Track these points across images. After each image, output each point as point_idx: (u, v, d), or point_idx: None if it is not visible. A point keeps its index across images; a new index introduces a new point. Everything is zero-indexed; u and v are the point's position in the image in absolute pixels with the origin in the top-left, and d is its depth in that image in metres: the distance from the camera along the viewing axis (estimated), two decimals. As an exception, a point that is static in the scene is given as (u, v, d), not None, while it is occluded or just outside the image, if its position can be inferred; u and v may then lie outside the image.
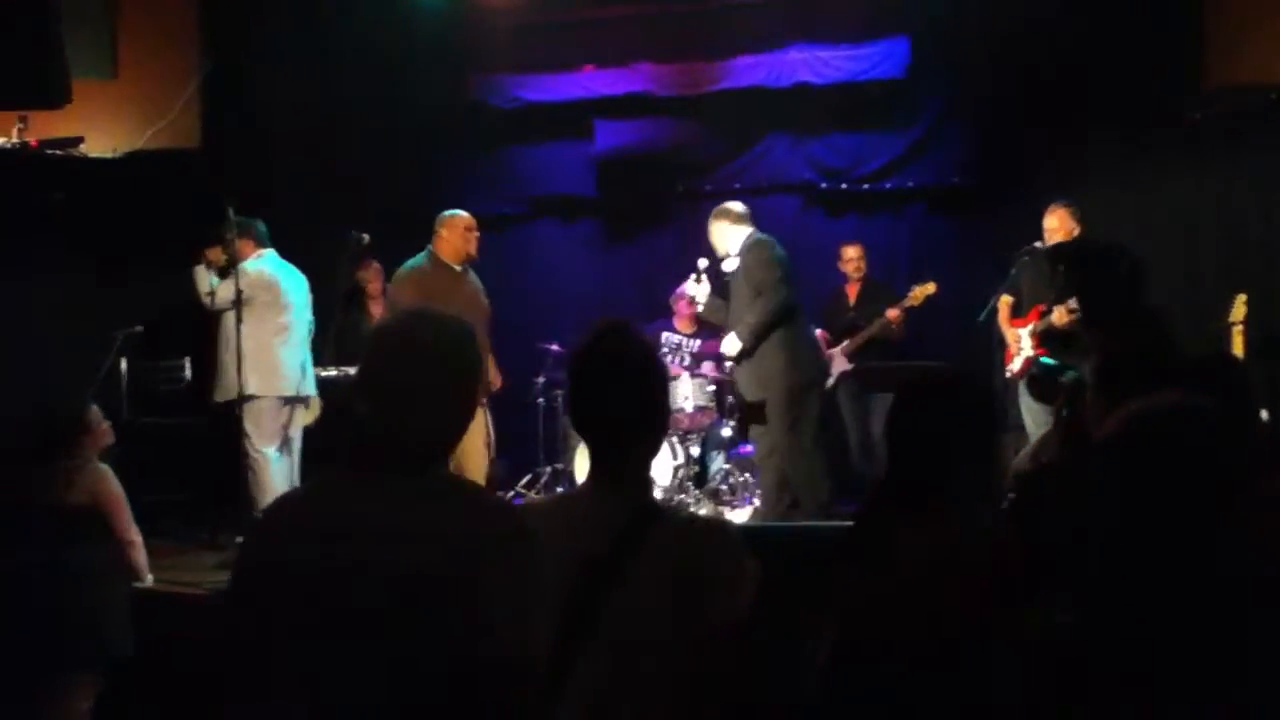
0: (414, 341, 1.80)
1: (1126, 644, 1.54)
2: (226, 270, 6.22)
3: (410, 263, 6.08)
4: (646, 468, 2.09)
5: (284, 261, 6.44)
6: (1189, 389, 1.99)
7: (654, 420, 2.07)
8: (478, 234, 6.16)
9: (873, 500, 2.17)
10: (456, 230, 6.07)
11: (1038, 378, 6.06)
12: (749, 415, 6.25)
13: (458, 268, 6.09)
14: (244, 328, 5.93)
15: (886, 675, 1.90)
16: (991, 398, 2.29)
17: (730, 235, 6.19)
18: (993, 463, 2.27)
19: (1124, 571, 1.57)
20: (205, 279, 6.34)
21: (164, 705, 4.43)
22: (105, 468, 4.39)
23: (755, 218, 6.29)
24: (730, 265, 6.20)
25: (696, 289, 6.39)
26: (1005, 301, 6.48)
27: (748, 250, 6.10)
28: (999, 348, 6.43)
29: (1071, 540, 1.64)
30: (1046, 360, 6.02)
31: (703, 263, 6.33)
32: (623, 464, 2.02)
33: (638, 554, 1.91)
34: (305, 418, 6.56)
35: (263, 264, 6.25)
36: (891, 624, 1.91)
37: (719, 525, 2.34)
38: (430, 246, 6.09)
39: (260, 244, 6.33)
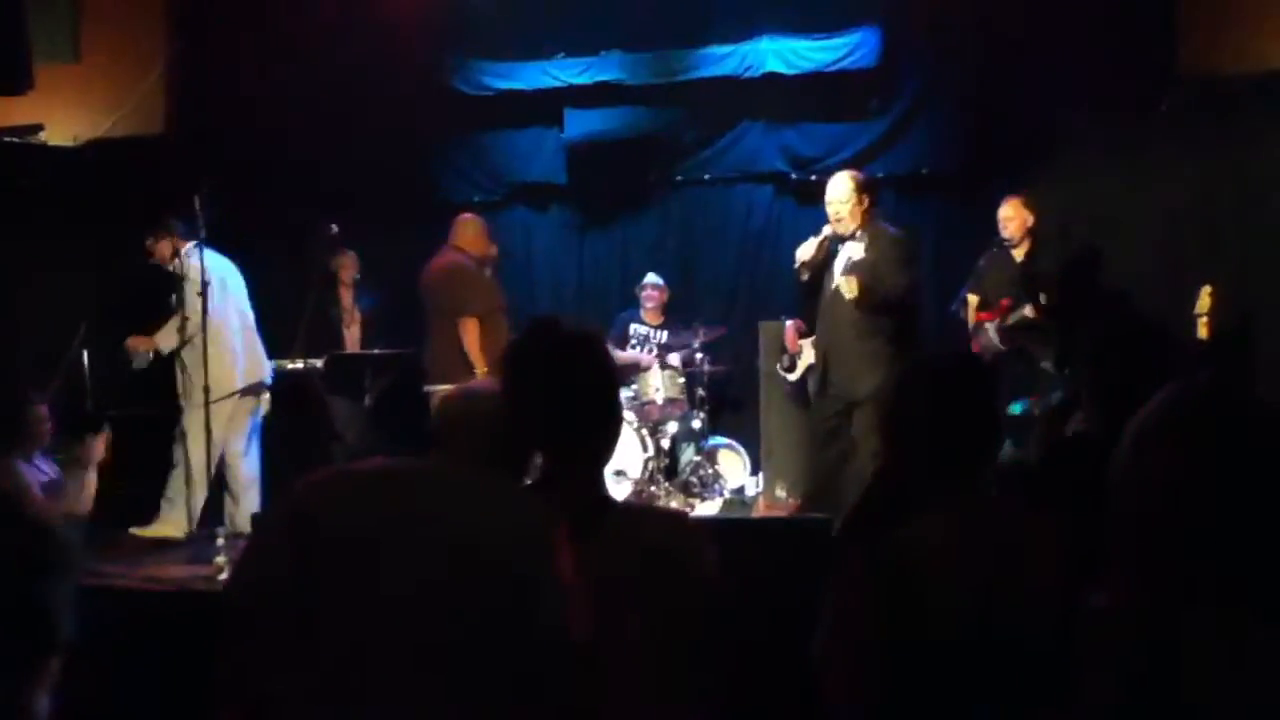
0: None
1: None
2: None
3: (450, 256, 6.52)
4: (597, 461, 2.05)
5: (213, 251, 6.27)
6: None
7: (598, 414, 2.02)
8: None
9: (875, 488, 2.15)
10: (482, 232, 6.67)
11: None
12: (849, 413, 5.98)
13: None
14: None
15: (909, 661, 1.88)
16: (993, 378, 2.28)
17: (859, 210, 5.88)
18: (998, 445, 2.25)
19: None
20: (166, 336, 6.27)
21: (128, 699, 4.37)
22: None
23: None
24: (858, 252, 5.89)
25: (814, 254, 5.96)
26: (972, 300, 6.51)
27: (891, 244, 5.84)
28: (969, 341, 6.46)
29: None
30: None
31: (828, 230, 6.00)
32: (572, 460, 1.99)
33: (591, 545, 1.87)
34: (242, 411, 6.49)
35: (192, 259, 6.10)
36: (903, 612, 1.89)
37: (672, 512, 2.33)
38: (459, 244, 6.55)
39: (182, 238, 6.20)
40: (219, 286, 6.16)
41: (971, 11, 7.24)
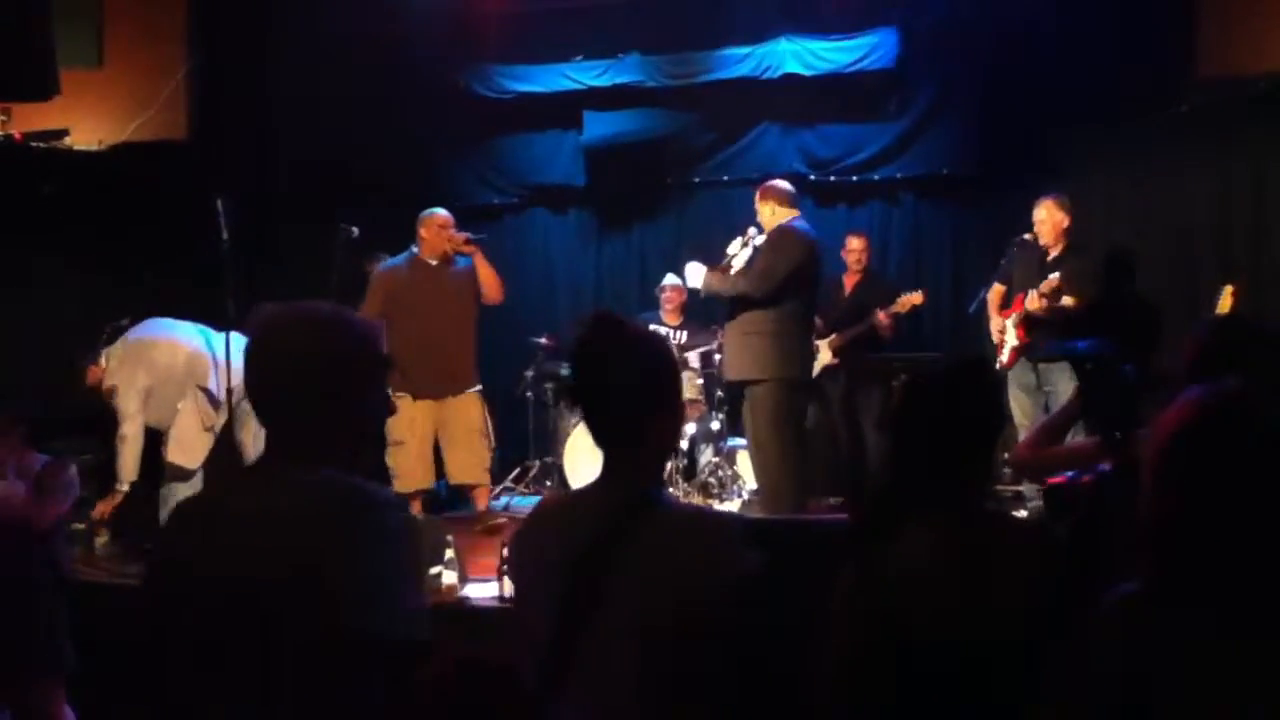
0: (270, 341, 1.88)
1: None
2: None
3: (388, 260, 6.43)
4: (652, 457, 2.06)
5: (134, 338, 6.05)
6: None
7: (654, 409, 2.01)
8: (452, 230, 6.33)
9: (879, 494, 2.16)
10: (432, 229, 6.31)
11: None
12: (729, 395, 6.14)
13: (433, 262, 6.32)
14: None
15: (904, 669, 1.90)
16: (998, 384, 2.30)
17: (775, 218, 5.97)
18: (995, 453, 2.26)
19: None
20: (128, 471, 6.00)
21: (132, 701, 4.41)
22: None
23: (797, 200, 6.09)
24: (759, 241, 6.04)
25: (740, 251, 6.12)
26: (997, 291, 6.49)
27: (776, 234, 5.91)
28: (989, 340, 6.44)
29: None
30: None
31: (753, 231, 6.10)
32: (623, 454, 2.00)
33: (630, 543, 1.90)
34: None
35: (116, 377, 5.91)
36: (906, 619, 1.90)
37: (716, 516, 2.33)
38: (413, 245, 6.37)
39: (104, 359, 5.97)
40: (145, 369, 5.93)
41: (988, 13, 7.23)
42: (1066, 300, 6.02)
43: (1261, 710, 1.47)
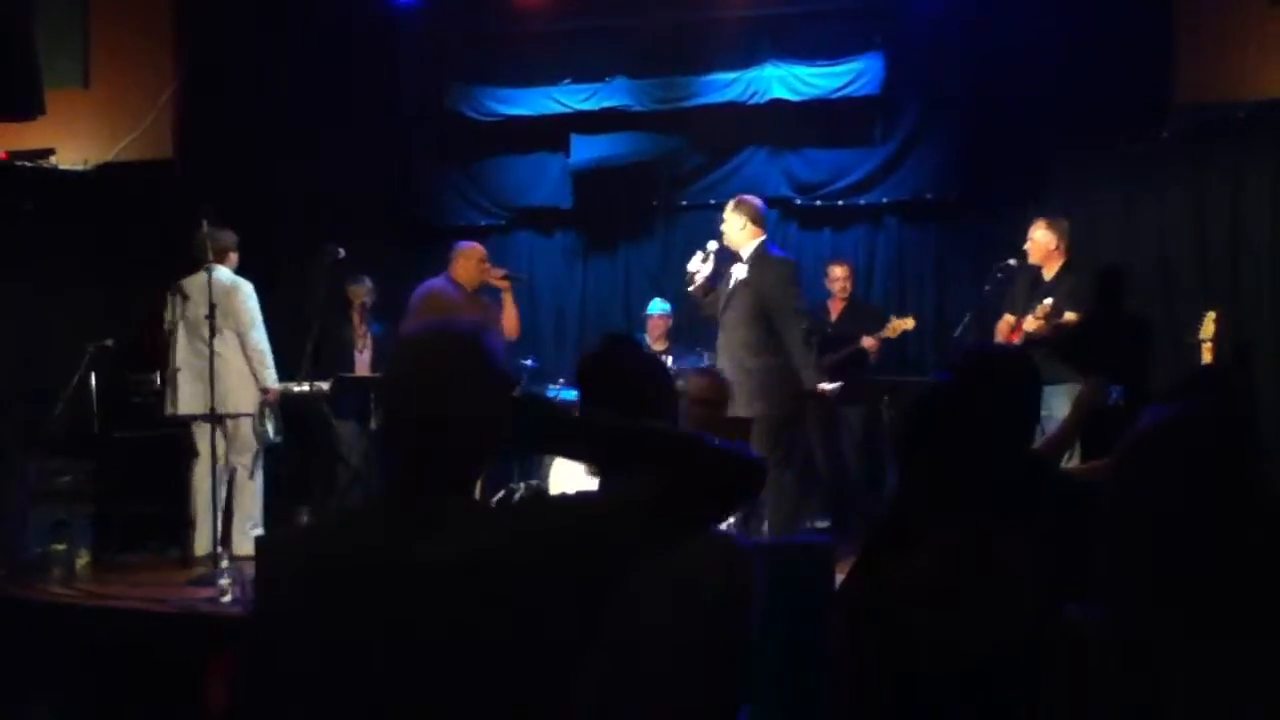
0: (432, 352, 1.68)
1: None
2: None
3: (427, 282, 6.64)
4: None
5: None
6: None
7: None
8: (489, 264, 6.74)
9: (890, 508, 2.15)
10: (472, 261, 6.66)
11: None
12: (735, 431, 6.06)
13: (469, 288, 6.63)
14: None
15: (919, 682, 1.89)
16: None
17: (745, 235, 5.94)
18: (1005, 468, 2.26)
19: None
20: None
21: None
22: None
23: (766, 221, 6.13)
24: (740, 271, 5.94)
25: (700, 267, 6.09)
26: (1006, 322, 6.44)
27: (768, 266, 5.87)
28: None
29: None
30: None
31: (713, 245, 6.07)
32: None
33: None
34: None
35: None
36: (915, 630, 1.90)
37: (729, 540, 2.32)
38: (447, 270, 6.64)
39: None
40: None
41: (973, 40, 7.30)
42: (1068, 316, 6.02)
43: (1261, 710, 1.48)
